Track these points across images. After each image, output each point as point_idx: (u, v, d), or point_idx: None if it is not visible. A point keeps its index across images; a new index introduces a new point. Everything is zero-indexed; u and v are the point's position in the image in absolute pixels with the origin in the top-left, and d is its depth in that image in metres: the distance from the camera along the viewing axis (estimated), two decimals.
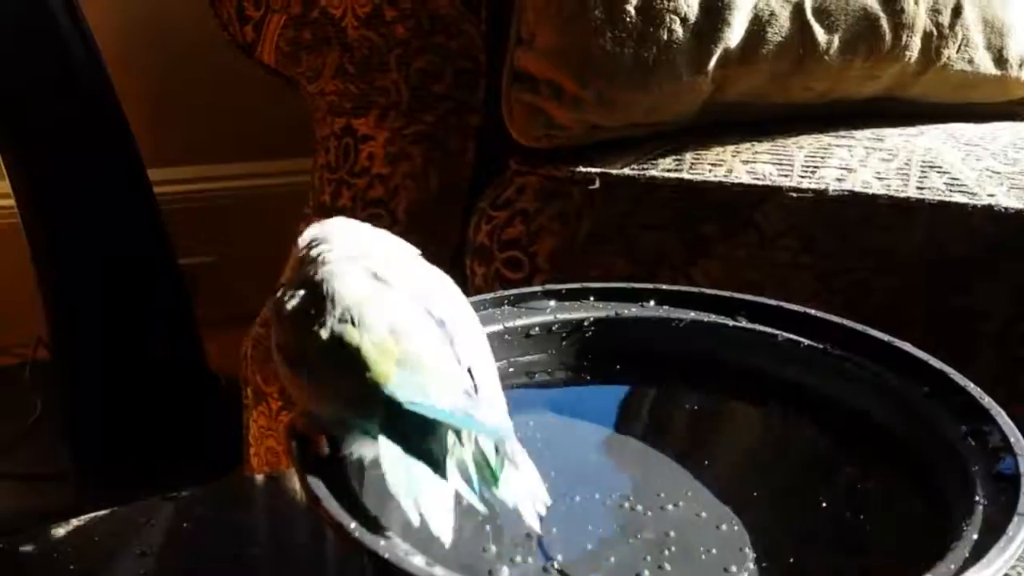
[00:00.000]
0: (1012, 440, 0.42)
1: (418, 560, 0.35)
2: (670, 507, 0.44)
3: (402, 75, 1.00)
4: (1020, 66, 0.93)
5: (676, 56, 0.89)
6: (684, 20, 0.89)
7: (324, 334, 0.42)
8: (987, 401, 0.45)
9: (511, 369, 0.53)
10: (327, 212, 1.05)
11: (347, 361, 0.42)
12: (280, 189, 1.59)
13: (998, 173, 0.85)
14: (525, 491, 0.41)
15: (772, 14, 0.90)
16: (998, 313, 0.81)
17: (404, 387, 0.40)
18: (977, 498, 0.40)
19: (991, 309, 0.81)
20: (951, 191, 0.84)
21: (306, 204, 1.08)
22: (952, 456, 0.43)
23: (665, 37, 0.89)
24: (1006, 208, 0.82)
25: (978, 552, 0.37)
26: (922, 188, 0.84)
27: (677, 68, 0.89)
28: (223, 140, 1.63)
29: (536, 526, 0.41)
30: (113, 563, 0.47)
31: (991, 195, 0.83)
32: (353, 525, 0.37)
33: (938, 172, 0.86)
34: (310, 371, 0.43)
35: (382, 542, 0.36)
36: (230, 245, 1.64)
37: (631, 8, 0.89)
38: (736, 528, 0.43)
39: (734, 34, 0.89)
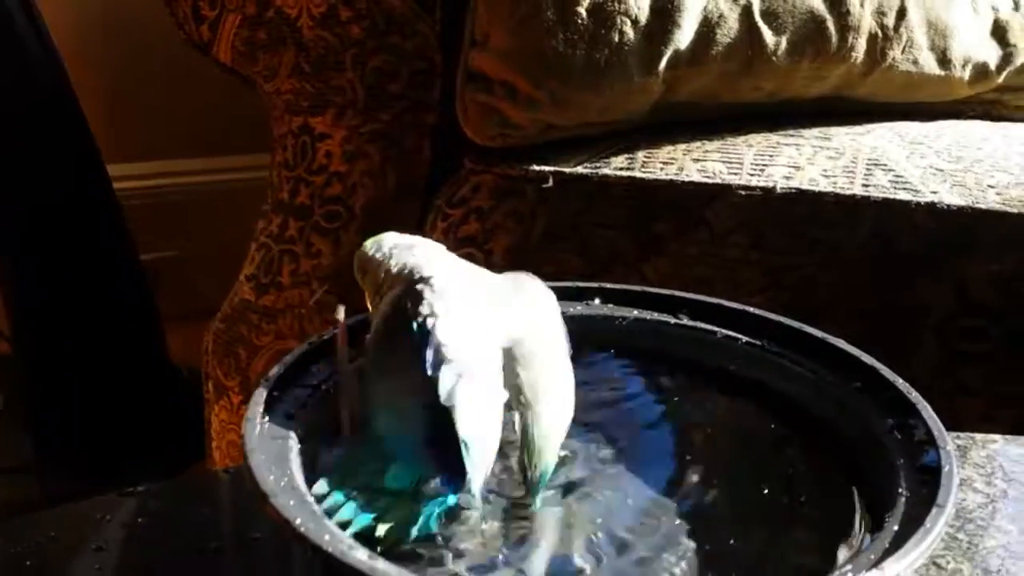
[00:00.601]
0: (935, 433, 0.44)
1: (361, 554, 0.37)
2: (599, 496, 0.46)
3: (358, 74, 1.01)
4: (964, 66, 0.96)
5: (627, 57, 0.90)
6: (635, 22, 0.90)
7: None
8: (914, 396, 0.47)
9: None
10: (285, 209, 1.05)
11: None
12: (240, 184, 1.59)
13: (941, 171, 0.88)
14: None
15: (721, 16, 0.92)
16: (940, 308, 0.83)
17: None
18: (900, 489, 0.42)
19: (933, 304, 0.83)
20: (896, 188, 0.86)
21: (264, 201, 1.09)
22: (879, 448, 0.45)
23: (616, 39, 0.90)
24: (948, 205, 0.84)
25: (898, 542, 0.39)
26: (867, 186, 0.86)
27: (628, 69, 0.90)
28: (183, 136, 1.63)
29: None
30: (69, 558, 0.48)
31: (934, 192, 0.85)
32: (299, 520, 0.38)
33: (883, 170, 0.88)
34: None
35: (327, 536, 0.37)
36: (191, 240, 1.64)
37: (583, 10, 0.90)
38: (669, 516, 0.45)
39: (684, 36, 0.91)
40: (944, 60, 0.95)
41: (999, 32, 0.96)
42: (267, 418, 0.45)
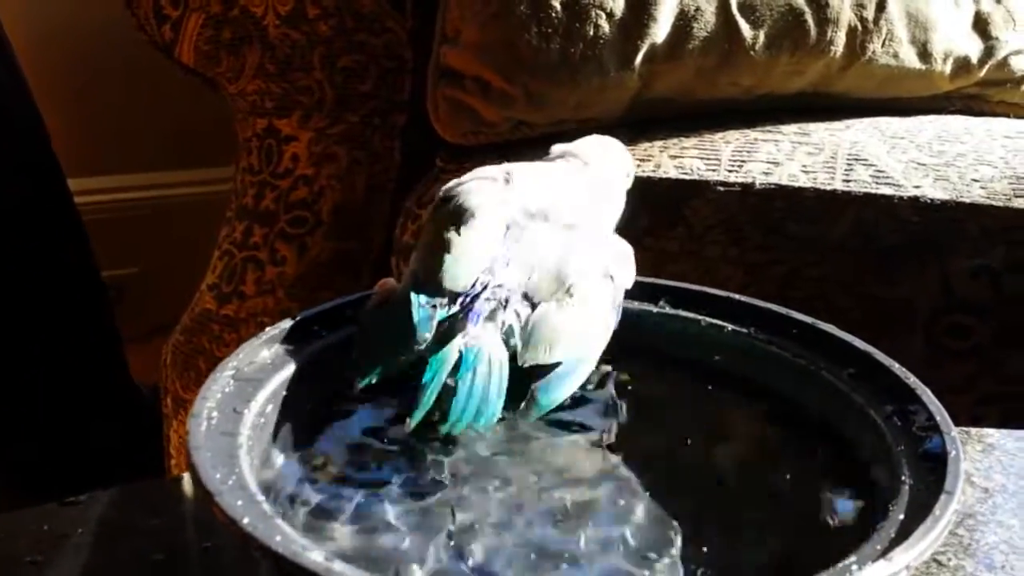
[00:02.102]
0: (938, 419, 0.41)
1: (315, 556, 0.33)
2: (589, 494, 0.43)
3: (326, 74, 0.98)
4: (945, 60, 0.94)
5: (603, 51, 0.88)
6: (610, 15, 0.88)
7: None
8: (912, 381, 0.44)
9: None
10: (249, 215, 1.02)
11: None
12: (204, 198, 1.56)
13: (924, 165, 0.85)
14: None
15: (698, 9, 0.89)
16: (925, 304, 0.81)
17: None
18: (903, 478, 0.39)
19: (919, 300, 0.81)
20: (877, 183, 0.84)
21: (228, 208, 1.05)
22: (878, 436, 0.42)
23: (591, 32, 0.88)
24: (932, 199, 0.82)
25: (904, 532, 0.36)
26: (848, 181, 0.84)
27: (604, 63, 0.88)
28: (145, 149, 1.59)
29: None
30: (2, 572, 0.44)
31: (917, 187, 0.83)
32: (247, 520, 0.34)
33: (864, 165, 0.86)
34: None
35: (278, 537, 0.34)
36: (153, 256, 1.60)
37: (557, 4, 0.88)
38: (659, 514, 0.42)
39: (660, 29, 0.88)
40: (925, 54, 0.93)
41: (981, 25, 0.94)
42: (216, 414, 0.42)
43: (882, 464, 0.41)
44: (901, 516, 0.37)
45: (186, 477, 0.50)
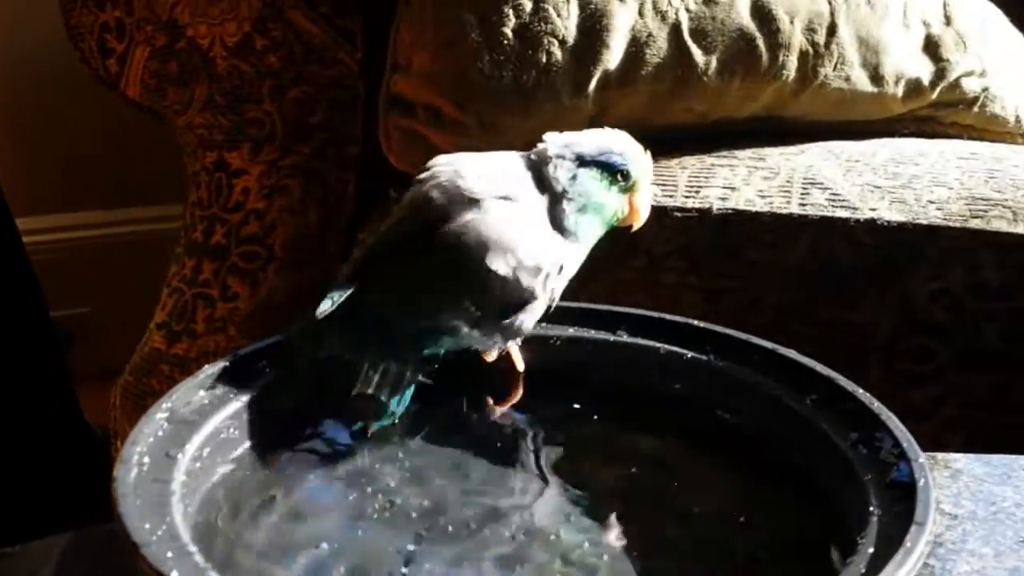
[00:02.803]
0: (905, 446, 0.40)
1: None
2: (553, 536, 0.41)
3: (276, 106, 0.97)
4: (897, 83, 0.94)
5: (556, 79, 0.87)
6: (562, 42, 0.87)
7: None
8: (876, 406, 0.43)
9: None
10: (199, 251, 1.00)
11: None
12: (155, 235, 1.53)
13: (879, 188, 0.85)
14: None
15: (650, 35, 0.89)
16: (885, 327, 0.80)
17: None
18: (871, 508, 0.38)
19: (878, 324, 0.80)
20: (834, 207, 0.83)
21: (177, 244, 1.03)
22: (843, 465, 0.41)
23: (544, 60, 0.87)
24: (888, 221, 0.81)
25: (875, 565, 0.34)
26: (804, 204, 0.83)
27: (557, 91, 0.87)
28: (94, 186, 1.56)
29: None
30: None
31: (873, 209, 0.82)
32: (175, 574, 0.32)
33: (820, 188, 0.85)
34: None
35: None
36: (104, 295, 1.57)
37: (509, 31, 0.87)
38: (620, 554, 0.40)
39: (613, 56, 0.88)
40: (877, 77, 0.93)
41: (931, 47, 0.94)
42: (147, 459, 0.40)
43: (848, 493, 0.40)
44: (871, 549, 0.35)
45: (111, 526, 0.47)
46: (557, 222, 0.50)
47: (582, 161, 0.52)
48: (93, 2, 1.00)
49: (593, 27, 0.88)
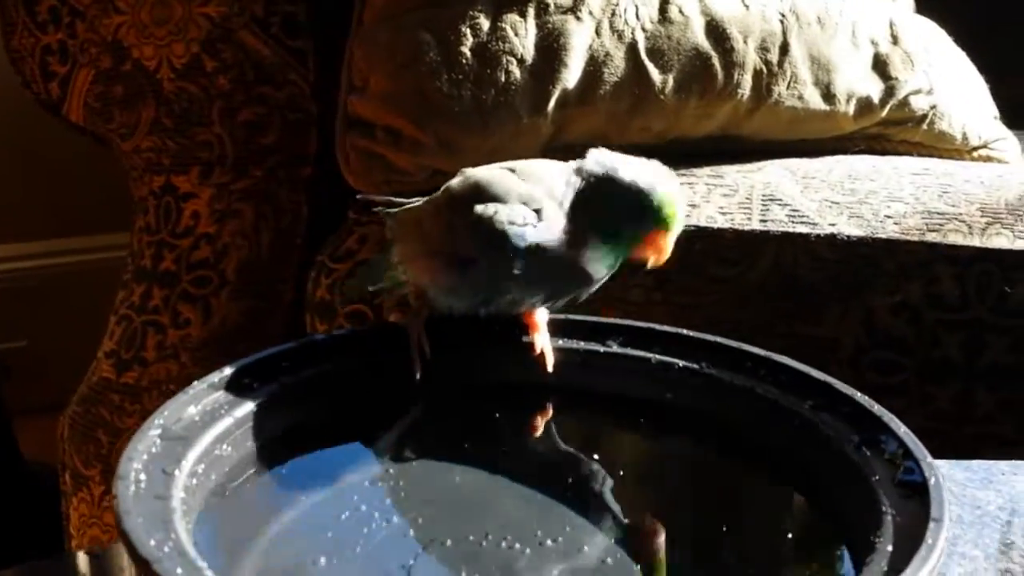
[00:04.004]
0: (911, 446, 0.40)
1: None
2: (549, 543, 0.40)
3: (226, 128, 0.95)
4: (848, 101, 0.95)
5: (515, 97, 0.86)
6: (521, 61, 0.87)
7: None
8: (877, 409, 0.43)
9: (368, 409, 0.48)
10: (148, 277, 0.97)
11: None
12: (93, 266, 1.49)
13: (837, 203, 0.86)
14: None
15: (607, 55, 0.89)
16: (850, 341, 0.81)
17: None
18: (884, 508, 0.38)
19: (843, 337, 0.81)
20: (794, 223, 0.84)
21: (124, 271, 1.00)
22: (849, 468, 0.41)
23: (503, 79, 0.86)
24: (848, 236, 0.82)
25: (896, 564, 0.34)
26: (765, 221, 0.84)
27: (516, 109, 0.87)
28: (29, 217, 1.52)
29: None
30: None
31: (832, 224, 0.83)
32: None
33: (779, 205, 0.86)
34: None
35: None
36: (43, 328, 1.52)
37: (467, 50, 0.86)
38: (624, 563, 0.39)
39: (571, 75, 0.88)
40: (828, 95, 0.95)
41: (880, 66, 0.96)
42: (143, 476, 0.38)
43: (856, 495, 0.40)
44: (889, 547, 0.35)
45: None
46: (577, 228, 0.50)
47: (619, 184, 0.51)
48: (35, 24, 0.98)
49: (551, 46, 0.88)
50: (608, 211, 0.50)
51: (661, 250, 0.53)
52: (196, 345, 0.96)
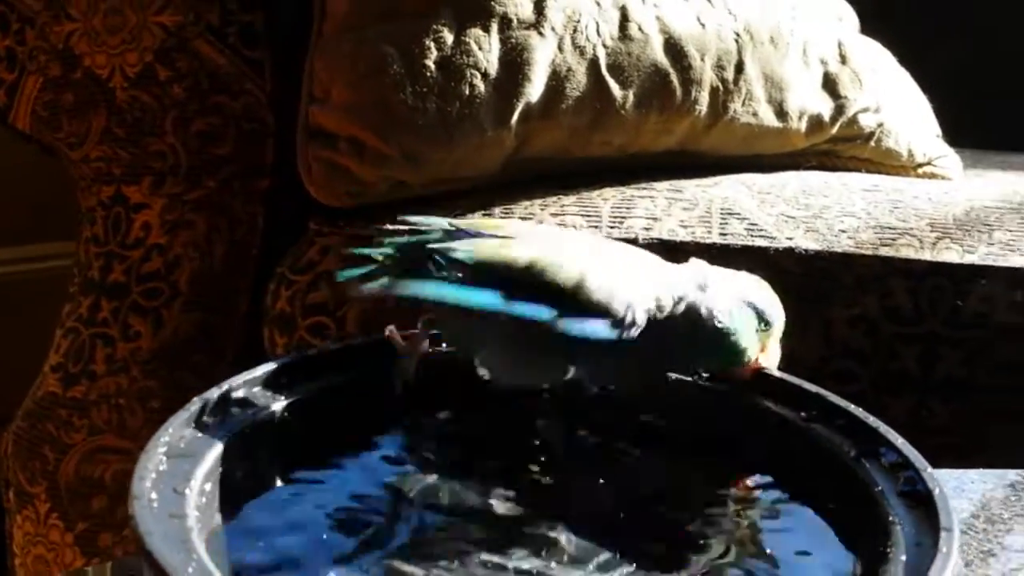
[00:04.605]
0: (910, 456, 0.41)
1: None
2: (539, 561, 0.40)
3: (180, 138, 0.94)
4: (800, 118, 0.97)
5: (479, 110, 0.87)
6: (485, 75, 0.87)
7: None
8: (873, 420, 0.44)
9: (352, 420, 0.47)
10: (96, 289, 0.95)
11: None
12: (37, 276, 1.45)
13: (793, 218, 0.88)
14: None
15: (570, 70, 0.90)
16: (810, 355, 0.82)
17: None
18: (892, 518, 0.38)
19: (802, 351, 0.82)
20: (752, 236, 0.85)
21: (71, 283, 0.98)
22: (851, 480, 0.42)
23: (467, 92, 0.87)
24: (806, 250, 0.84)
25: (914, 573, 0.35)
26: (725, 234, 0.86)
27: (480, 122, 0.87)
28: None
29: None
30: None
31: (790, 238, 0.85)
32: None
33: (738, 219, 0.88)
34: None
35: None
36: None
37: (431, 63, 0.86)
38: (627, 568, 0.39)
39: (535, 89, 0.88)
40: (781, 112, 0.97)
41: (830, 85, 0.99)
42: (155, 495, 0.37)
43: (862, 507, 0.40)
44: (903, 557, 0.36)
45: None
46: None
47: (744, 301, 0.52)
48: None
49: (514, 60, 0.88)
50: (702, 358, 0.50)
51: (769, 354, 0.53)
52: (147, 358, 0.94)
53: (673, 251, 0.84)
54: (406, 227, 0.52)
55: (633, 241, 0.84)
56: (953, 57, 1.32)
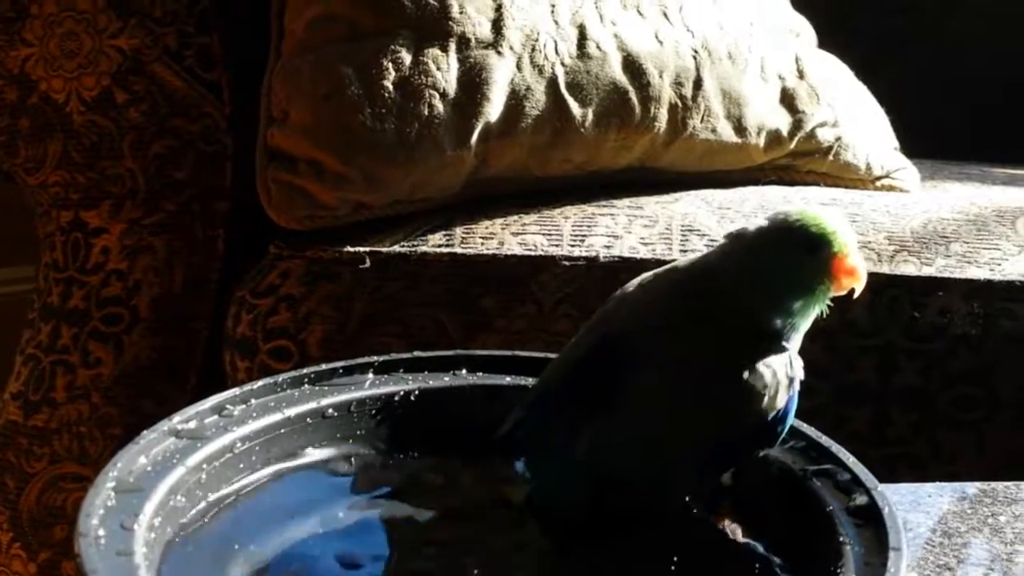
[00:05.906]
0: (861, 476, 0.42)
1: None
2: None
3: (138, 162, 0.93)
4: (758, 134, 0.98)
5: (439, 131, 0.87)
6: (443, 95, 0.87)
7: None
8: (825, 440, 0.44)
9: (313, 455, 0.47)
10: (56, 315, 0.94)
11: None
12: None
13: None
14: None
15: (528, 88, 0.90)
16: None
17: None
18: (842, 539, 0.39)
19: None
20: None
21: (30, 309, 0.97)
22: (804, 499, 0.42)
23: (426, 112, 0.87)
24: None
25: None
26: (685, 251, 0.86)
27: (440, 142, 0.87)
28: None
29: None
30: None
31: None
32: None
33: (697, 235, 0.88)
34: None
35: None
36: None
37: (389, 84, 0.86)
38: None
39: (494, 108, 0.89)
40: (740, 128, 0.97)
41: (787, 100, 0.99)
42: (103, 531, 0.37)
43: (814, 527, 0.41)
44: None
45: None
46: None
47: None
48: None
49: (473, 80, 0.88)
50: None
51: (852, 272, 0.49)
52: (108, 384, 0.93)
53: (634, 269, 0.84)
54: None
55: (594, 259, 0.85)
56: (909, 69, 1.34)
